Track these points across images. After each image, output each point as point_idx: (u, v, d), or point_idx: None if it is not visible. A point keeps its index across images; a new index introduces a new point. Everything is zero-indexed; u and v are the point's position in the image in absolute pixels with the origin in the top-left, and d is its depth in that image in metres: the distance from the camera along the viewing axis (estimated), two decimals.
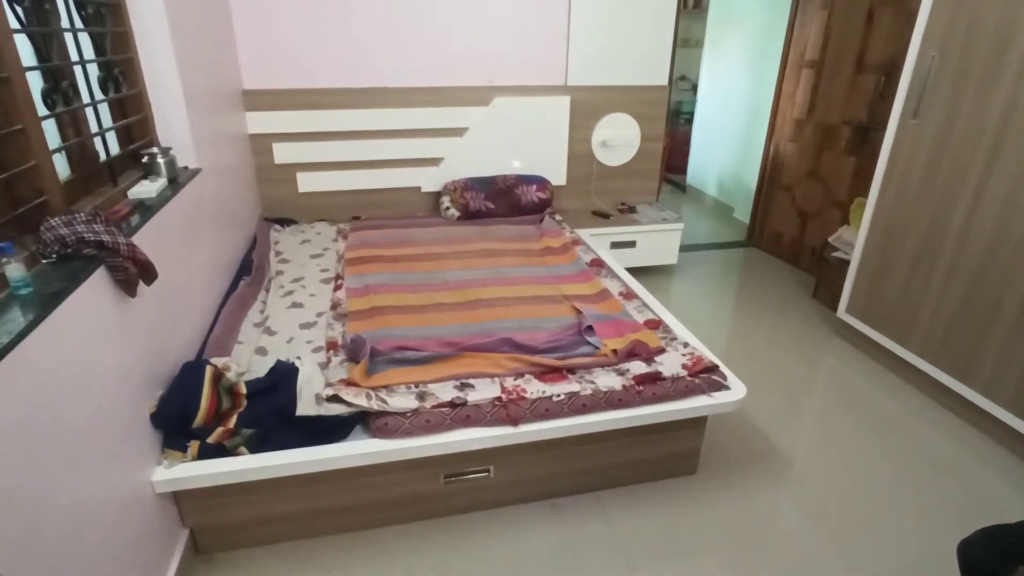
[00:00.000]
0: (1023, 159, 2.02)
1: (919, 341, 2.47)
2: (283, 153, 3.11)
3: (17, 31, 1.31)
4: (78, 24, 1.66)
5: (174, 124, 2.10)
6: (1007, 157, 2.07)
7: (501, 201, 3.19)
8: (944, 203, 2.32)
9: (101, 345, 1.28)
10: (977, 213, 2.19)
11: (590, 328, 2.00)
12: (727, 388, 1.83)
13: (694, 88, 5.44)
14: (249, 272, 2.53)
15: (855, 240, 2.81)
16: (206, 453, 1.53)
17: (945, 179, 2.31)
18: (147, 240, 1.53)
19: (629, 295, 2.36)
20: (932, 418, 2.35)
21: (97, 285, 1.27)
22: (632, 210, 3.55)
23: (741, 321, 3.17)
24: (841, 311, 2.88)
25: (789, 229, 3.85)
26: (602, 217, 3.46)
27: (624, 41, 3.29)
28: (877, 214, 2.64)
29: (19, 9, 1.38)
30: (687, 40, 5.55)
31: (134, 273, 1.36)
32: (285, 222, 3.16)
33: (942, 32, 2.27)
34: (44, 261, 1.24)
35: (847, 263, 2.87)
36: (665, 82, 3.47)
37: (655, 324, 2.12)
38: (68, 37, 1.61)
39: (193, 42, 2.21)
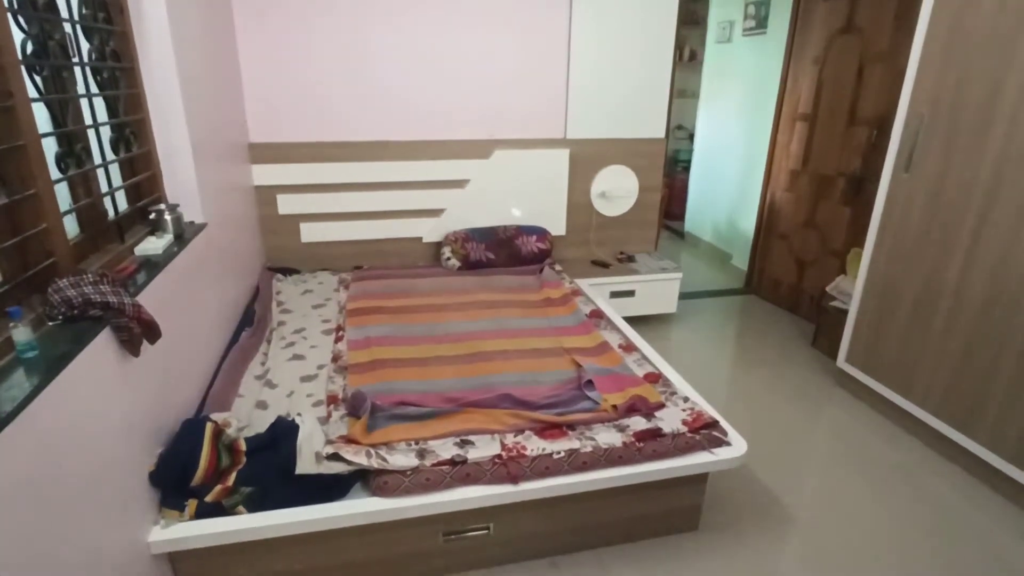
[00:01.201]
0: (1016, 214, 2.06)
1: (920, 392, 2.46)
2: (287, 204, 3.17)
3: (35, 100, 1.36)
4: (93, 89, 1.72)
5: (182, 180, 2.15)
6: (1000, 212, 2.11)
7: (501, 251, 3.23)
8: (939, 256, 2.35)
9: (103, 406, 1.28)
10: (972, 267, 2.22)
11: (590, 382, 2.00)
12: (728, 444, 1.82)
13: (691, 137, 5.57)
14: (251, 323, 2.55)
15: (853, 290, 2.83)
16: (204, 512, 1.52)
17: (940, 232, 2.34)
18: (152, 297, 1.55)
19: (629, 347, 2.37)
20: (936, 470, 2.32)
21: (101, 346, 1.29)
22: (631, 259, 3.59)
23: (741, 370, 3.16)
24: (841, 361, 2.88)
25: (787, 277, 3.88)
26: (601, 266, 3.49)
27: (622, 94, 3.39)
28: (873, 265, 2.67)
29: (38, 79, 1.43)
30: (683, 91, 5.72)
31: (138, 333, 1.38)
32: (287, 271, 3.19)
33: (930, 91, 2.34)
34: (50, 323, 1.25)
35: (846, 312, 2.89)
36: (662, 135, 3.55)
37: (655, 378, 2.12)
38: (83, 101, 1.67)
39: (203, 99, 2.29)
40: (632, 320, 3.20)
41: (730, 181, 4.59)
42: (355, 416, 1.81)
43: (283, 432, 1.68)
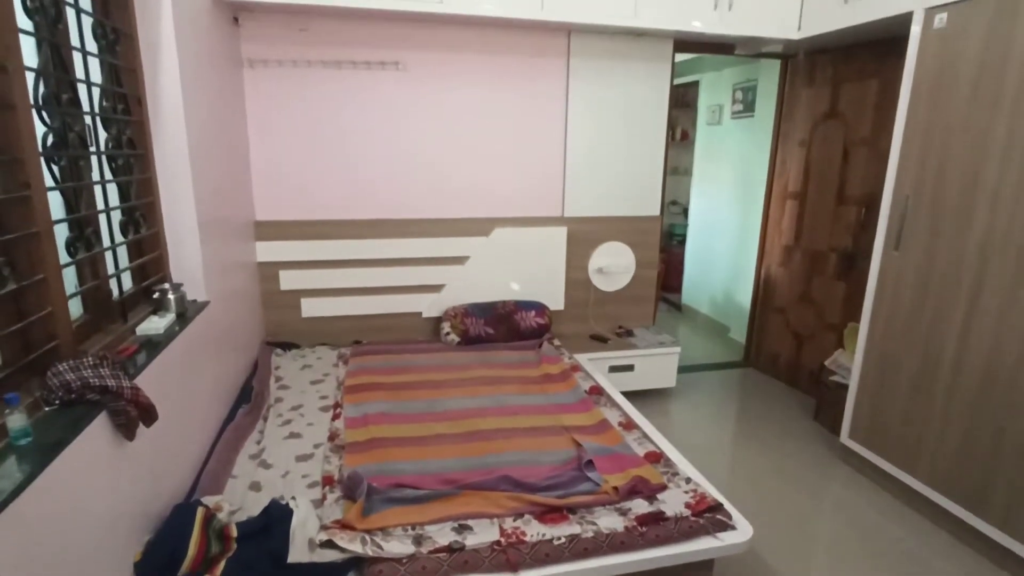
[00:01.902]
0: (1006, 291, 2.09)
1: (927, 469, 2.41)
2: (289, 280, 3.21)
3: (52, 189, 1.42)
4: (108, 175, 1.78)
5: (187, 258, 2.19)
6: (990, 289, 2.14)
7: (501, 327, 3.25)
8: (935, 331, 2.36)
9: (94, 493, 1.26)
10: (968, 342, 2.23)
11: (590, 463, 1.97)
12: (733, 528, 1.77)
13: (685, 212, 5.71)
14: (248, 399, 2.53)
15: (851, 365, 2.83)
16: None
17: (933, 308, 2.37)
18: (151, 378, 1.55)
19: (629, 425, 2.34)
20: (947, 552, 2.25)
21: (96, 431, 1.28)
22: (629, 334, 3.60)
23: (743, 446, 3.11)
24: (844, 436, 2.84)
25: (785, 350, 3.88)
26: (600, 341, 3.50)
27: (617, 174, 3.52)
28: (870, 341, 2.68)
29: (56, 168, 1.49)
30: (676, 168, 5.91)
31: (135, 416, 1.37)
32: (287, 346, 3.19)
33: (913, 174, 2.44)
34: (47, 408, 1.25)
35: (846, 387, 2.87)
36: (657, 212, 3.65)
37: (656, 457, 2.09)
38: (97, 187, 1.73)
39: (211, 182, 2.37)
40: (631, 395, 3.18)
41: (725, 255, 4.67)
42: (351, 499, 1.76)
43: (277, 517, 1.64)
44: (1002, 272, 2.11)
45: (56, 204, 1.47)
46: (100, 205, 1.74)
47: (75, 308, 1.63)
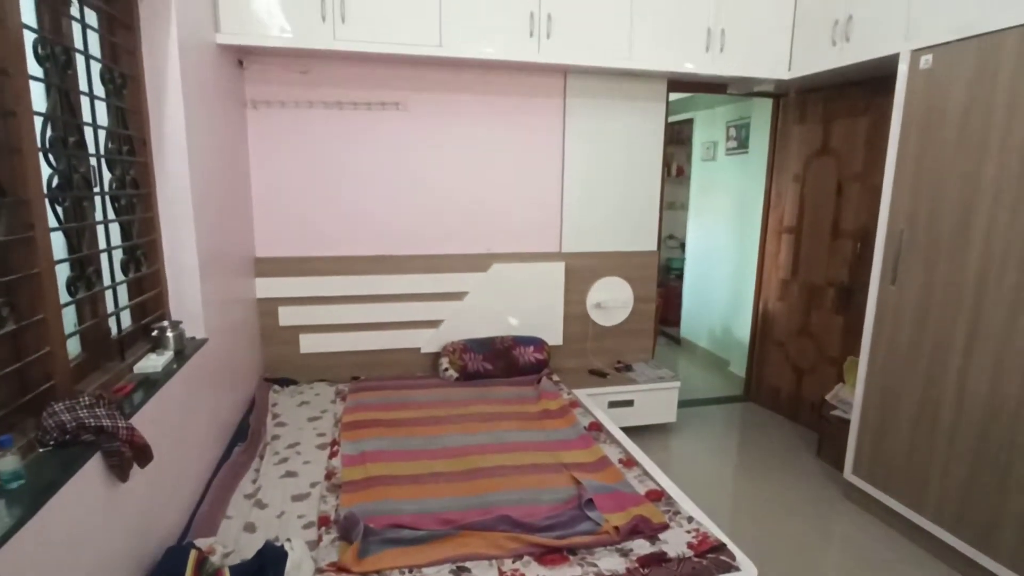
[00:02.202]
0: (1004, 325, 2.10)
1: (933, 506, 2.38)
2: (288, 316, 3.22)
3: (55, 229, 1.43)
4: (111, 215, 1.80)
5: (187, 296, 2.19)
6: (988, 322, 2.15)
7: (499, 362, 3.24)
8: (935, 366, 2.36)
9: (85, 537, 1.24)
10: (969, 375, 2.23)
11: (590, 502, 1.94)
12: (737, 569, 1.73)
13: (682, 246, 5.75)
14: (245, 437, 2.50)
15: (852, 399, 2.82)
16: None
17: (932, 342, 2.37)
18: (148, 417, 1.55)
19: (629, 462, 2.32)
20: None
21: (90, 473, 1.27)
22: (628, 368, 3.59)
23: (746, 483, 3.06)
24: (847, 472, 2.80)
25: (785, 384, 3.86)
26: (599, 376, 3.49)
27: (614, 210, 3.56)
28: (871, 375, 2.67)
29: (59, 209, 1.51)
30: (672, 203, 5.98)
31: (129, 457, 1.36)
32: (285, 382, 3.17)
33: (907, 209, 2.47)
34: (41, 449, 1.24)
35: (847, 422, 2.85)
36: (654, 247, 3.68)
37: (657, 495, 2.06)
38: (100, 227, 1.75)
39: (213, 220, 2.39)
40: (632, 431, 3.15)
41: (723, 289, 4.69)
42: (347, 540, 1.73)
43: (271, 559, 1.60)
44: (998, 306, 2.12)
45: (58, 243, 1.49)
46: (102, 244, 1.76)
47: (73, 347, 1.63)
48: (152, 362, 1.81)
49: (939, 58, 2.31)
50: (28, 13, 1.38)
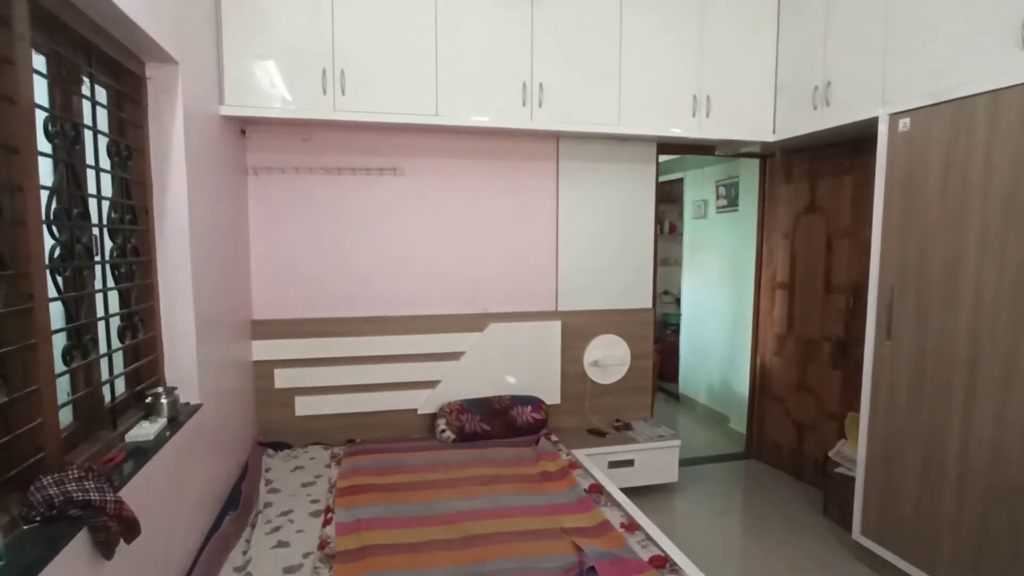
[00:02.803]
0: (1002, 378, 2.10)
1: (946, 566, 2.30)
2: (284, 378, 3.20)
3: (54, 299, 1.45)
4: (110, 283, 1.82)
5: (183, 361, 2.19)
6: (986, 375, 2.15)
7: (497, 422, 3.21)
8: (936, 421, 2.34)
9: None
10: (972, 428, 2.21)
11: (592, 570, 1.88)
12: None
13: (677, 301, 5.78)
14: (236, 505, 2.44)
15: (855, 456, 2.77)
16: None
17: (931, 396, 2.36)
18: (137, 489, 1.51)
19: (631, 526, 2.26)
20: None
21: (75, 551, 1.23)
22: (628, 427, 3.54)
23: (753, 545, 2.97)
24: (856, 533, 2.73)
25: (787, 440, 3.81)
26: (598, 435, 3.44)
27: (608, 268, 3.61)
28: (872, 432, 2.64)
29: (60, 279, 1.53)
30: (666, 259, 6.05)
31: (116, 532, 1.32)
32: (279, 446, 3.12)
33: (896, 265, 2.51)
34: (26, 526, 1.21)
35: (852, 479, 2.80)
36: (649, 304, 3.71)
37: (662, 561, 2.00)
38: (98, 294, 1.77)
39: (211, 285, 2.41)
40: (633, 491, 3.08)
41: (719, 344, 4.69)
42: None
43: None
44: (994, 359, 2.12)
45: (57, 311, 1.50)
46: (100, 311, 1.77)
47: (65, 415, 1.62)
48: (144, 430, 1.79)
49: (916, 121, 2.41)
50: (41, 91, 1.44)
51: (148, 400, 1.94)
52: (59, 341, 1.55)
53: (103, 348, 1.79)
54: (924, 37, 2.46)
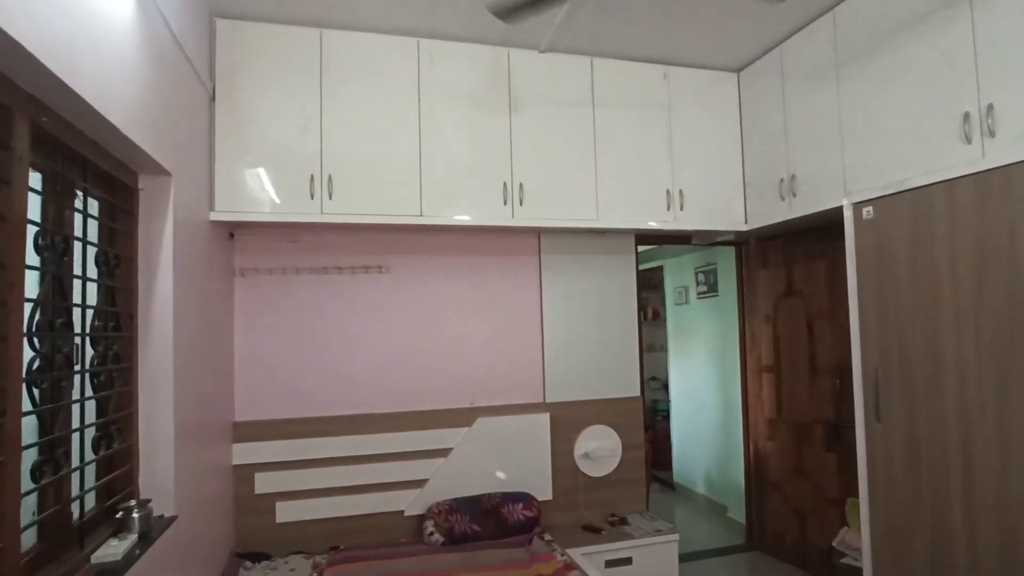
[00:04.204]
0: (998, 454, 2.08)
1: None
2: (264, 483, 3.07)
3: (28, 413, 1.41)
4: (89, 392, 1.79)
5: (159, 470, 2.10)
6: (981, 454, 2.13)
7: (487, 522, 3.08)
8: (938, 502, 2.29)
9: None
10: (975, 510, 2.15)
11: None
12: None
13: (665, 387, 5.75)
14: None
15: (860, 544, 2.68)
16: None
17: (929, 479, 2.32)
18: None
19: None
20: None
21: None
22: (623, 522, 3.41)
23: None
24: None
25: (789, 529, 3.68)
26: (593, 532, 3.30)
27: (594, 358, 3.61)
28: (874, 518, 2.57)
29: (36, 391, 1.50)
30: (651, 345, 6.08)
31: None
32: (257, 557, 2.94)
33: (877, 346, 2.54)
34: None
35: (859, 570, 2.68)
36: (638, 392, 3.69)
37: None
38: (75, 404, 1.73)
39: (194, 391, 2.37)
40: None
41: (711, 430, 4.63)
42: None
43: None
44: (987, 441, 2.11)
45: (29, 423, 1.45)
46: (76, 422, 1.72)
47: (29, 536, 1.53)
48: (112, 549, 1.69)
49: (879, 209, 2.53)
50: (34, 206, 1.48)
51: (119, 515, 1.85)
52: (30, 456, 1.49)
53: (76, 461, 1.72)
54: (876, 132, 2.64)
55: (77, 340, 1.72)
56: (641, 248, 3.82)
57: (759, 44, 3.27)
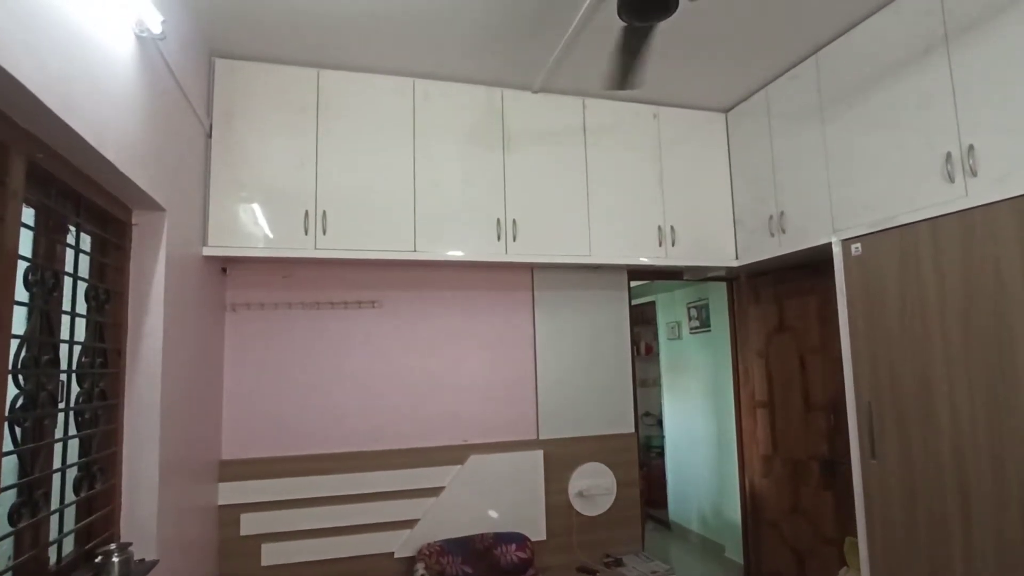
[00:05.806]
0: (995, 495, 2.06)
1: None
2: (250, 524, 2.98)
3: (8, 453, 1.38)
4: (72, 430, 1.75)
5: (142, 511, 2.04)
6: (979, 492, 2.11)
7: (480, 564, 3.00)
8: (937, 539, 2.26)
9: None
10: (974, 547, 2.13)
11: None
12: None
13: (659, 423, 5.70)
14: None
15: None
16: None
17: (927, 516, 2.30)
18: None
19: None
20: None
21: None
22: (619, 563, 3.33)
23: None
24: None
25: (787, 570, 3.60)
26: (588, 574, 3.23)
27: (588, 394, 3.58)
28: (873, 558, 2.53)
29: (19, 430, 1.46)
30: (644, 380, 6.04)
31: None
32: None
33: (869, 381, 2.54)
34: None
35: None
36: (632, 429, 3.65)
37: None
38: (58, 443, 1.68)
39: (181, 428, 2.31)
40: None
41: (706, 467, 4.57)
42: None
43: None
44: (983, 478, 2.10)
45: (9, 463, 1.41)
46: (58, 462, 1.68)
47: None
48: None
49: (867, 246, 2.57)
50: (26, 241, 1.47)
51: (98, 560, 1.78)
52: (8, 499, 1.45)
53: (56, 503, 1.67)
54: (862, 170, 2.69)
55: (63, 377, 1.69)
56: (633, 283, 3.84)
57: (745, 86, 3.36)
